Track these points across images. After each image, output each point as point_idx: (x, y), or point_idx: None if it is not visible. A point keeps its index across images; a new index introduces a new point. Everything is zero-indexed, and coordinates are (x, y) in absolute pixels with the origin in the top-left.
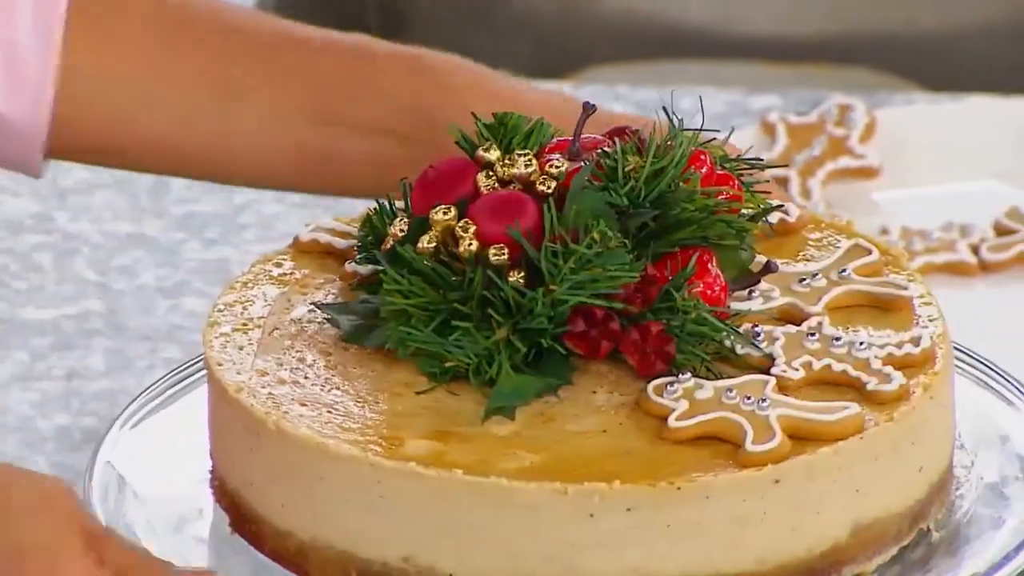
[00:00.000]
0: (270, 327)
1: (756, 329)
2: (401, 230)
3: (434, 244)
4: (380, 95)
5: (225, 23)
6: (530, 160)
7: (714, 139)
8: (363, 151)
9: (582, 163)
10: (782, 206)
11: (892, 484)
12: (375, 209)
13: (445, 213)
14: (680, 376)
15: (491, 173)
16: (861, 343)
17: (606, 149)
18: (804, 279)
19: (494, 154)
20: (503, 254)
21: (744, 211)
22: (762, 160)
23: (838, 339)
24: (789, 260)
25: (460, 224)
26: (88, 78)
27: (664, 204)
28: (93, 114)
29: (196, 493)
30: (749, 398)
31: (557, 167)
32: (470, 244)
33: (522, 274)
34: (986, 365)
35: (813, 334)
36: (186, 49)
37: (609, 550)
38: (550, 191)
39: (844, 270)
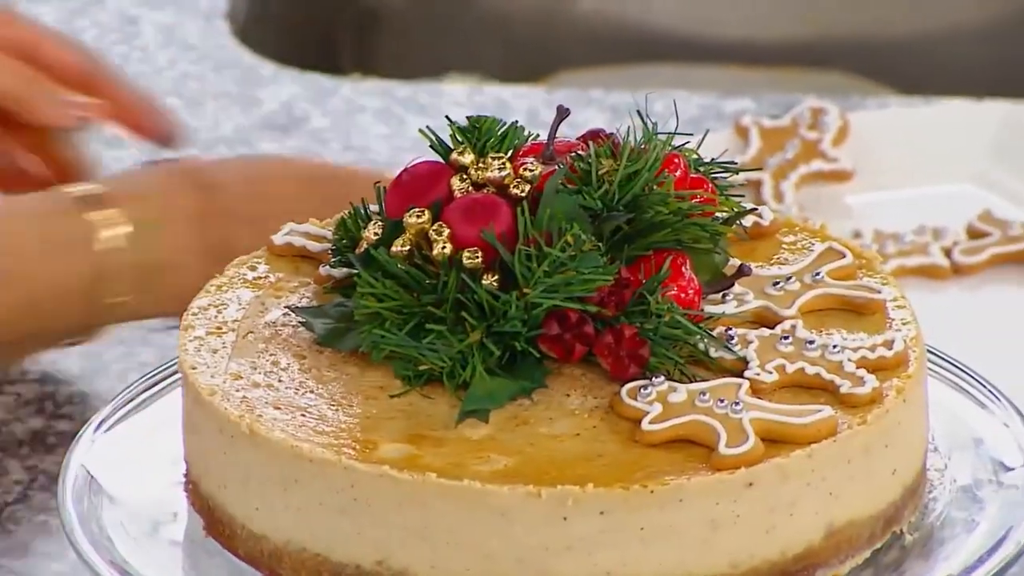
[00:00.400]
0: (244, 330)
1: (730, 332)
2: (375, 233)
3: (408, 247)
4: None
5: None
6: (504, 163)
7: (687, 142)
8: None
9: (556, 166)
10: (756, 209)
11: (865, 487)
12: (349, 212)
13: (419, 216)
14: (654, 379)
15: (465, 176)
16: (834, 346)
17: (580, 152)
18: (778, 282)
19: (468, 157)
20: (477, 257)
21: (718, 214)
22: (735, 163)
23: (811, 342)
24: (763, 263)
25: (434, 227)
26: None
27: (638, 207)
28: None
29: (170, 496)
30: (722, 401)
31: (531, 170)
32: (444, 247)
33: (496, 277)
34: (959, 368)
35: (787, 337)
36: None
37: (582, 553)
38: (524, 194)
39: (818, 273)
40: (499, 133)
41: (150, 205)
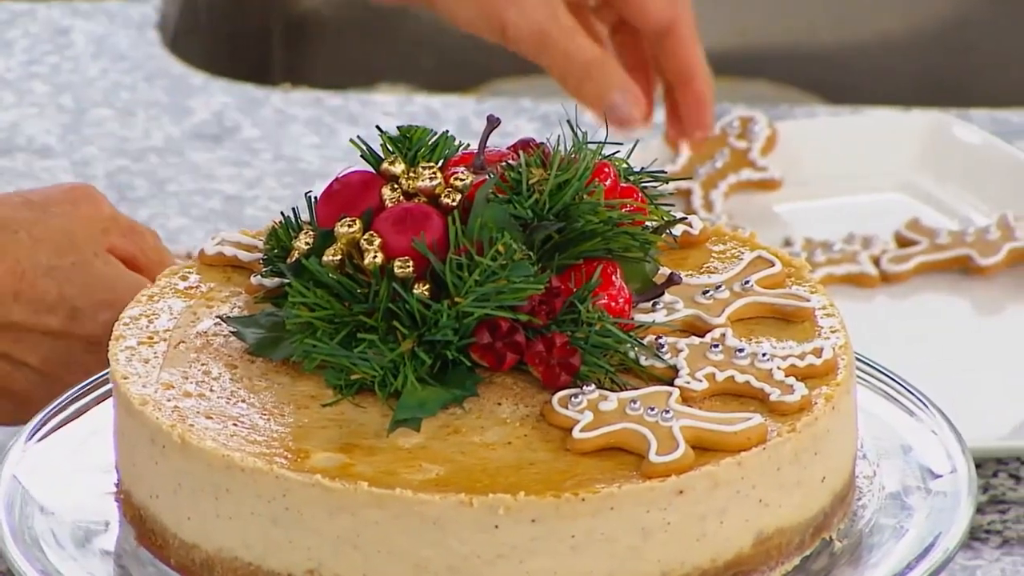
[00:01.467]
0: (176, 340)
1: (660, 341)
2: (306, 243)
3: (339, 257)
4: None
5: None
6: (435, 173)
7: (617, 152)
8: None
9: (486, 176)
10: (685, 218)
11: (795, 494)
12: (280, 222)
13: (350, 226)
14: (584, 388)
15: (396, 186)
16: (764, 354)
17: (510, 162)
18: (707, 291)
19: (399, 167)
20: (408, 266)
21: (648, 223)
22: (665, 173)
23: (741, 350)
24: (693, 272)
25: (365, 237)
26: None
27: (568, 216)
28: None
29: (102, 506)
30: (653, 409)
31: (462, 180)
32: (375, 256)
33: (427, 286)
34: (888, 376)
35: (716, 345)
36: None
37: (514, 561)
38: (455, 204)
39: (747, 282)
40: (430, 143)
41: None
